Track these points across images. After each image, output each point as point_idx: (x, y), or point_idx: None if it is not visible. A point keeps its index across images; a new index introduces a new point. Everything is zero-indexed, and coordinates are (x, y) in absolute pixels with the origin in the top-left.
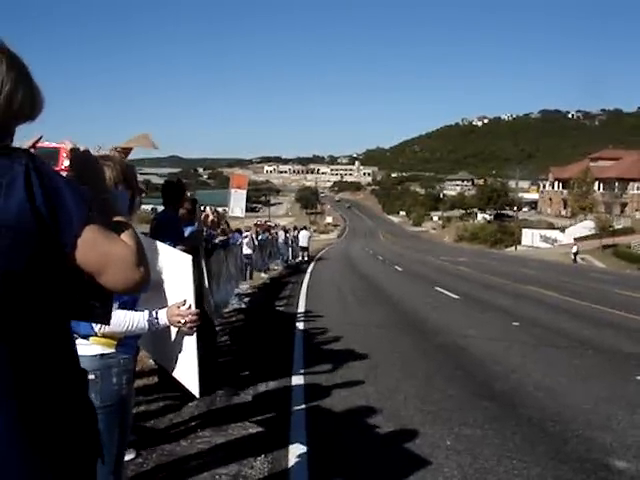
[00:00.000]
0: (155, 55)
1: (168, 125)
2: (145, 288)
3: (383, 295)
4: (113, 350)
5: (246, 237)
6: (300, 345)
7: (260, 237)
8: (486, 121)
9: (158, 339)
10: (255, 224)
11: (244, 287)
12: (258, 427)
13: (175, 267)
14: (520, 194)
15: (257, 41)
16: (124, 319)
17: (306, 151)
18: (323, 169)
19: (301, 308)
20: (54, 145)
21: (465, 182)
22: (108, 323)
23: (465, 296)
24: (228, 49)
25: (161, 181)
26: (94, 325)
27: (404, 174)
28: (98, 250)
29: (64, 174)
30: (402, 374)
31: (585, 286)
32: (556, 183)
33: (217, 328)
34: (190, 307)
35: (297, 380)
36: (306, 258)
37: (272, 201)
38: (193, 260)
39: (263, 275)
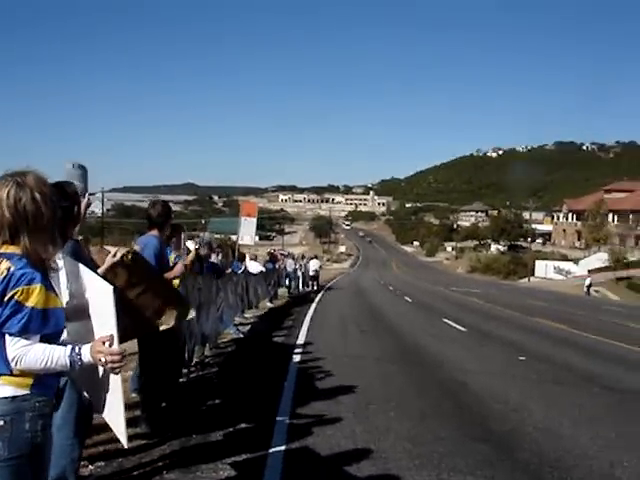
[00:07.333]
0: (170, 83)
1: (183, 152)
2: None
3: (388, 327)
4: (27, 391)
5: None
6: (292, 379)
7: (265, 265)
8: (501, 152)
9: (87, 374)
10: (268, 252)
11: (247, 316)
12: (230, 470)
13: (99, 297)
14: (534, 225)
15: (274, 70)
16: (42, 354)
17: (321, 180)
18: (338, 198)
19: (301, 339)
20: None
21: (479, 213)
22: None
23: (472, 328)
24: (245, 78)
25: (177, 208)
26: (10, 361)
27: (418, 204)
28: None
29: None
30: (395, 412)
31: (596, 319)
32: (570, 215)
33: (208, 359)
34: (112, 344)
35: (282, 417)
36: (315, 287)
37: (286, 230)
38: (115, 291)
39: (268, 304)
